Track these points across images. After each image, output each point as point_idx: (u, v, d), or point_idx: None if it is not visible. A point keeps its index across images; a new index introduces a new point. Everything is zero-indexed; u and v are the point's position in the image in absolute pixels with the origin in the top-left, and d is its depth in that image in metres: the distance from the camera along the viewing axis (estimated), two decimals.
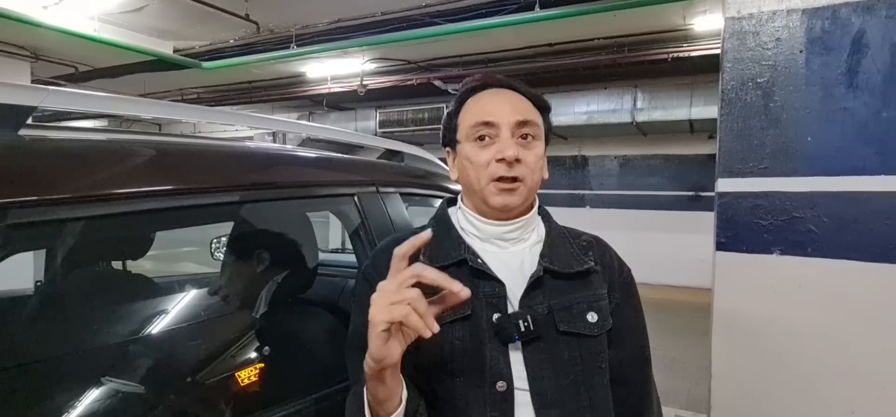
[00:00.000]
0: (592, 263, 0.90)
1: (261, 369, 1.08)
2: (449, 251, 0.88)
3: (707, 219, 1.82)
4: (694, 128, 7.51)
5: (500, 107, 0.88)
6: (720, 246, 1.52)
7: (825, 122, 1.40)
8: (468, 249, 0.88)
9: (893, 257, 1.35)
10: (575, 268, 0.88)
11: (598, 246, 0.95)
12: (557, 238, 0.92)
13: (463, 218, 0.93)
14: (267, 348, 1.10)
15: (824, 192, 1.41)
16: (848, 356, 1.40)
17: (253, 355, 1.09)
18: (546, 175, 0.92)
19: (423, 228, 0.96)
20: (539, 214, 0.95)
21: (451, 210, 0.97)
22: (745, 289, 1.50)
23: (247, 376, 1.06)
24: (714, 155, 1.56)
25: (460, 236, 0.91)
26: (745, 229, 1.49)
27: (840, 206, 1.39)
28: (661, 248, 7.81)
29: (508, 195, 0.85)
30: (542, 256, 0.88)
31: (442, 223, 0.94)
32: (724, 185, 1.51)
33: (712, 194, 1.56)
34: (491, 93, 0.91)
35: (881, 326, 1.37)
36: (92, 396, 0.90)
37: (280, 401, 1.00)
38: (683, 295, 7.20)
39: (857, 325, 1.39)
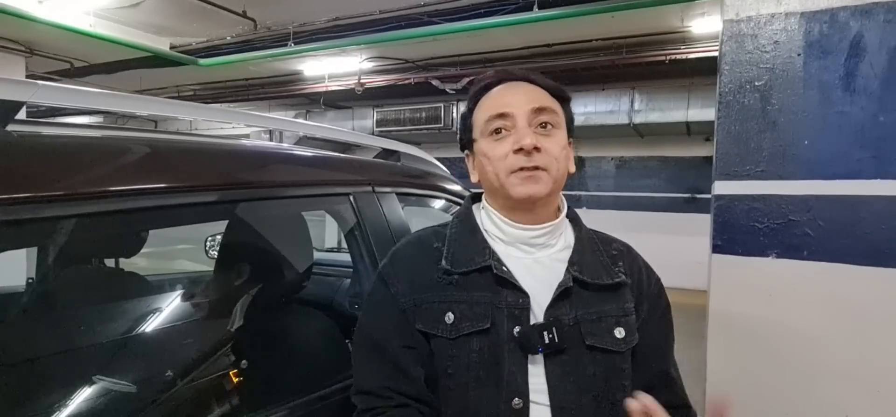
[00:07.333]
0: (623, 275, 0.86)
1: (254, 370, 1.07)
2: (473, 256, 0.84)
3: (703, 221, 1.82)
4: (691, 130, 7.51)
5: (513, 97, 0.84)
6: (716, 249, 1.52)
7: (822, 125, 1.40)
8: (492, 254, 0.84)
9: (888, 262, 1.34)
10: (605, 280, 0.84)
11: (628, 255, 0.91)
12: (587, 245, 0.88)
13: (487, 219, 0.88)
14: (259, 349, 1.09)
15: (821, 195, 1.40)
16: (843, 360, 1.40)
17: (246, 356, 1.08)
18: (573, 169, 0.87)
19: (445, 225, 0.92)
20: (568, 217, 0.91)
21: (474, 208, 0.92)
22: (741, 292, 1.50)
23: (239, 376, 1.05)
24: (711, 157, 1.56)
25: (485, 240, 0.86)
26: (741, 232, 1.49)
27: (836, 210, 1.39)
28: (657, 250, 7.69)
29: (532, 184, 0.80)
30: (571, 263, 0.84)
31: (466, 224, 0.89)
32: (721, 187, 1.51)
33: (709, 196, 1.55)
34: (505, 87, 0.87)
35: (876, 329, 1.37)
36: (82, 395, 0.89)
37: (274, 402, 0.99)
38: (679, 297, 7.13)
39: (852, 328, 1.39)
